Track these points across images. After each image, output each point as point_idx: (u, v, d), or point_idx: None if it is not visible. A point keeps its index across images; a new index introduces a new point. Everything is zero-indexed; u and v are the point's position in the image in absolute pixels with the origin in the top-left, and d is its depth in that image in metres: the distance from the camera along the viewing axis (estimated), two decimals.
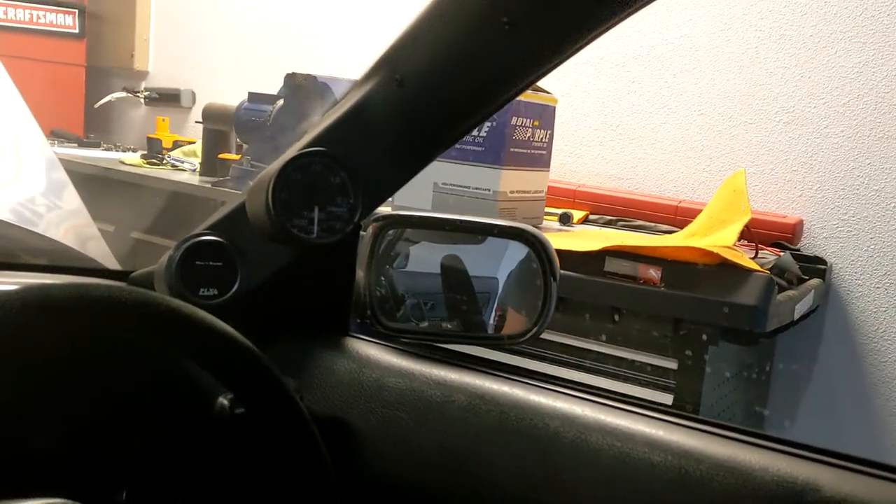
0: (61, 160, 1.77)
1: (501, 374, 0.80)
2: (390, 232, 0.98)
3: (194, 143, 3.08)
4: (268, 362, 0.66)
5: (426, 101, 0.70)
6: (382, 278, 0.99)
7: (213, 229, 0.83)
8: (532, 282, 1.03)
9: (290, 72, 2.26)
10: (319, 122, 0.76)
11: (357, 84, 0.74)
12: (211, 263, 0.81)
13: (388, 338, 0.93)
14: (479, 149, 1.90)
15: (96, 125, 3.80)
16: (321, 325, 0.95)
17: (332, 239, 0.75)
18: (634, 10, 0.57)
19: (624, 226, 2.25)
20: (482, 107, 0.71)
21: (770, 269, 1.70)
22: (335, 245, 0.78)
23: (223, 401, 0.77)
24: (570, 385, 0.79)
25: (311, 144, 0.72)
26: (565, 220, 2.20)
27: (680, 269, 1.60)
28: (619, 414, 0.72)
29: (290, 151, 0.73)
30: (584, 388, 0.79)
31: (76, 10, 3.75)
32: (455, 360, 0.85)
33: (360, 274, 0.95)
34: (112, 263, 1.41)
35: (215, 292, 0.81)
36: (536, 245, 0.89)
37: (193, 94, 3.58)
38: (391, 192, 0.79)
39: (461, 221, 0.92)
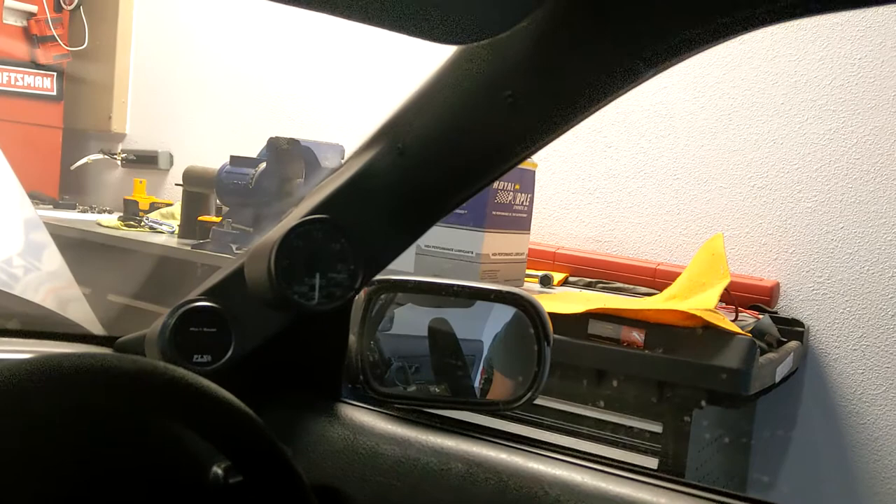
0: None
1: (499, 441, 0.80)
2: (382, 296, 0.98)
3: (172, 205, 3.07)
4: (268, 430, 0.65)
5: (427, 170, 0.71)
6: (372, 342, 0.99)
7: (207, 295, 0.82)
8: (519, 345, 1.03)
9: (273, 136, 2.27)
10: (319, 188, 0.77)
11: (358, 152, 0.75)
12: (205, 330, 0.81)
13: (381, 403, 0.93)
14: (462, 212, 1.92)
15: (72, 187, 3.78)
16: (313, 390, 0.94)
17: (332, 305, 0.75)
18: (634, 85, 0.58)
19: (604, 288, 2.27)
20: (482, 176, 0.72)
21: (750, 332, 1.71)
22: (328, 311, 0.78)
23: (217, 470, 0.76)
24: (567, 451, 0.78)
25: (312, 211, 0.73)
26: (546, 281, 2.21)
27: (663, 331, 1.61)
28: (619, 481, 0.72)
29: (292, 218, 0.73)
30: (582, 454, 0.79)
31: (55, 73, 3.76)
32: (450, 426, 0.84)
33: (352, 338, 0.95)
34: (95, 327, 1.39)
35: (209, 359, 0.80)
36: (530, 310, 0.90)
37: (171, 156, 3.59)
38: (391, 259, 0.79)
39: (457, 286, 0.92)
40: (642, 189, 2.44)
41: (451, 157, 0.70)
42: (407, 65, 2.78)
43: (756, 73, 2.26)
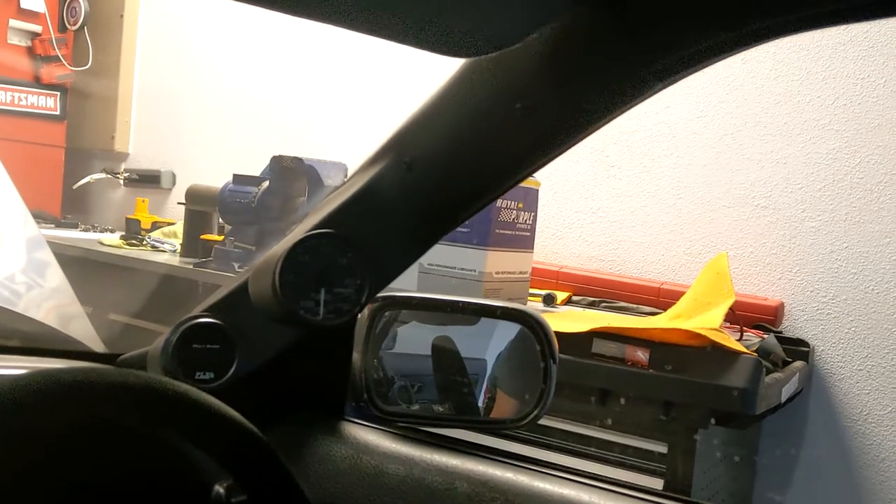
0: None
1: (505, 461, 0.78)
2: (386, 313, 0.97)
3: (174, 223, 3.07)
4: (272, 448, 0.64)
5: (434, 184, 0.71)
6: (376, 360, 0.98)
7: (210, 311, 0.82)
8: (523, 364, 1.02)
9: (276, 154, 2.27)
10: (326, 203, 0.76)
11: (364, 166, 0.74)
12: (208, 346, 0.80)
13: (385, 422, 0.91)
14: (465, 230, 1.91)
15: (74, 206, 3.79)
16: (316, 408, 0.93)
17: (339, 321, 0.74)
18: (644, 98, 0.58)
19: (607, 307, 2.26)
20: (489, 190, 0.71)
21: (756, 352, 1.70)
22: (334, 327, 0.77)
23: (220, 489, 0.75)
24: (573, 471, 0.77)
25: (318, 226, 0.72)
26: (549, 300, 2.20)
27: (667, 351, 1.59)
28: (627, 501, 0.70)
29: (297, 233, 0.72)
30: (588, 474, 0.77)
31: (58, 93, 3.78)
32: (456, 445, 0.83)
33: (356, 356, 0.94)
34: (97, 345, 1.38)
35: (211, 375, 0.79)
36: (536, 328, 0.89)
37: (174, 175, 3.59)
38: (398, 274, 0.78)
39: (462, 303, 0.91)
40: (646, 208, 2.44)
41: (459, 171, 0.69)
42: (409, 84, 2.78)
43: (759, 92, 2.26)
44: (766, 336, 1.96)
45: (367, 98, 2.99)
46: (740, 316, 1.94)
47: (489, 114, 0.63)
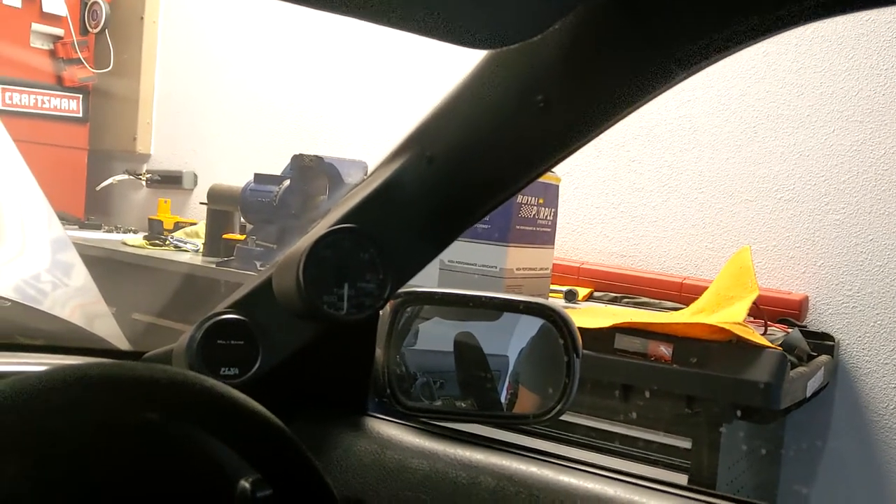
0: None
1: (529, 455, 0.78)
2: (408, 309, 0.97)
3: (196, 224, 3.09)
4: (300, 444, 0.64)
5: (456, 178, 0.71)
6: (399, 356, 0.98)
7: (234, 308, 0.82)
8: (546, 359, 1.02)
9: (297, 153, 2.28)
10: (347, 198, 0.77)
11: (386, 161, 0.75)
12: (232, 342, 0.80)
13: (408, 417, 0.92)
14: (486, 226, 1.91)
15: (97, 207, 3.82)
16: (339, 404, 0.93)
17: (361, 315, 0.74)
18: (667, 87, 0.58)
19: (629, 302, 2.25)
20: (511, 184, 0.71)
21: (780, 346, 1.69)
22: (357, 321, 0.77)
23: (245, 484, 0.75)
24: (597, 465, 0.77)
25: (340, 221, 0.72)
26: (570, 297, 2.20)
27: (691, 345, 1.59)
28: (654, 495, 0.70)
29: (320, 228, 0.73)
30: (612, 468, 0.77)
31: (80, 95, 3.81)
32: (479, 440, 0.83)
33: (378, 352, 0.94)
34: (122, 343, 1.39)
35: (236, 371, 0.80)
36: (559, 322, 0.89)
37: (195, 176, 3.61)
38: (420, 268, 0.78)
39: (485, 298, 0.91)
40: (667, 203, 2.42)
41: (481, 164, 0.69)
42: (426, 81, 2.78)
43: (781, 84, 2.24)
44: (790, 330, 1.95)
45: (386, 96, 2.99)
46: (764, 310, 1.92)
47: (511, 107, 0.63)
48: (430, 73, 2.79)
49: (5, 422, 0.48)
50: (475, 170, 0.70)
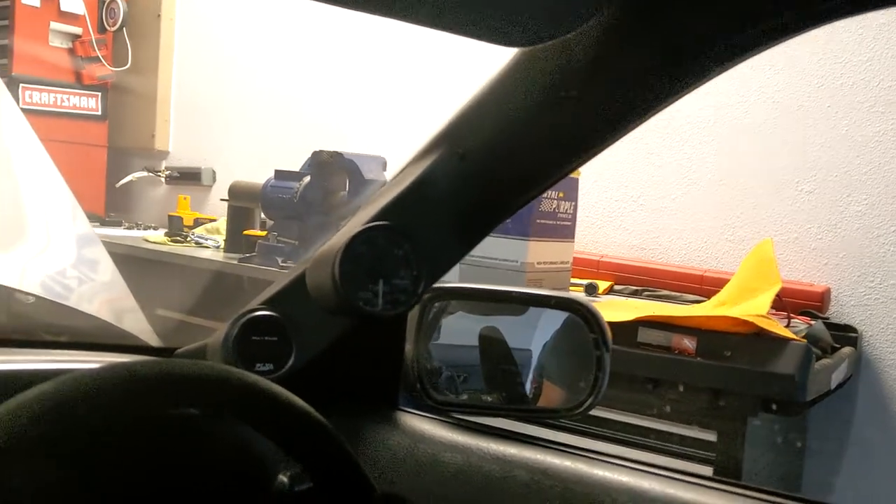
0: None
1: (563, 449, 0.79)
2: (436, 304, 0.98)
3: (215, 220, 3.11)
4: (341, 438, 0.65)
5: (488, 174, 0.71)
6: (428, 350, 0.98)
7: (267, 304, 0.83)
8: (571, 353, 1.02)
9: (317, 149, 2.29)
10: (380, 195, 0.77)
11: (417, 157, 0.75)
12: (266, 338, 0.81)
13: (439, 411, 0.92)
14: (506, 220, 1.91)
15: (117, 204, 3.85)
16: (370, 398, 0.94)
17: (396, 311, 0.75)
18: (702, 83, 0.58)
19: (650, 296, 2.25)
20: (542, 180, 0.71)
21: (804, 338, 1.69)
22: (391, 318, 0.78)
23: (283, 478, 0.76)
24: (632, 458, 0.77)
25: (373, 219, 0.73)
26: (591, 290, 2.20)
27: (715, 338, 1.59)
28: (688, 487, 0.70)
29: (354, 225, 0.73)
30: (644, 462, 0.77)
31: (99, 93, 3.83)
32: (512, 434, 0.84)
33: (408, 346, 0.95)
34: (152, 339, 1.41)
35: (271, 367, 0.81)
36: (589, 317, 0.89)
37: (213, 172, 3.63)
38: (453, 264, 0.79)
39: (515, 293, 0.92)
40: (686, 195, 2.42)
41: (512, 161, 0.70)
42: (443, 76, 2.79)
43: (801, 76, 2.23)
44: (813, 322, 1.94)
45: (402, 91, 3.00)
46: (786, 302, 1.92)
47: (543, 103, 0.64)
48: (446, 68, 2.79)
49: (61, 420, 0.49)
50: (506, 167, 0.70)
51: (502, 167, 0.71)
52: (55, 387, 0.49)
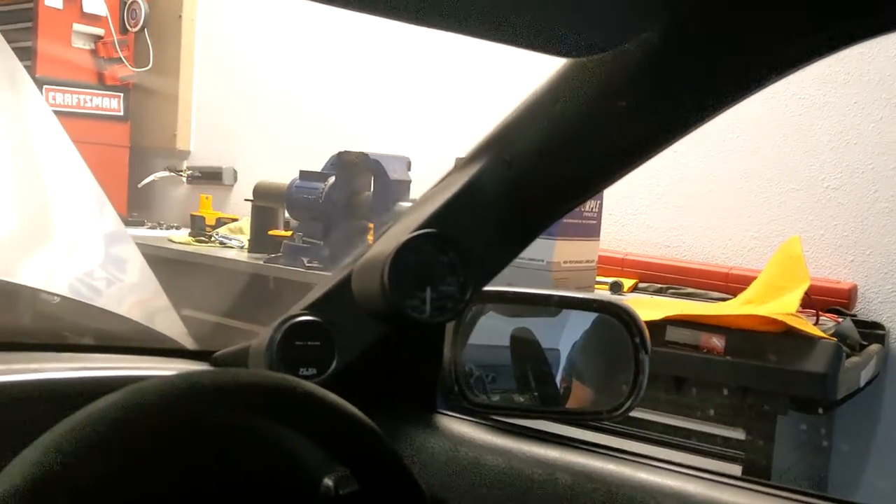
0: None
1: (606, 452, 0.79)
2: (473, 307, 0.98)
3: (238, 219, 3.13)
4: (390, 443, 0.66)
5: (534, 182, 0.72)
6: (465, 353, 0.99)
7: (309, 309, 0.84)
8: (602, 354, 1.02)
9: (342, 150, 2.30)
10: (425, 201, 0.78)
11: (463, 164, 0.76)
12: (309, 343, 0.82)
13: (476, 414, 0.93)
14: None
15: (139, 204, 3.87)
16: (409, 401, 0.94)
17: (444, 318, 0.76)
18: (757, 91, 0.58)
19: (674, 293, 2.24)
20: (590, 187, 0.72)
21: (833, 336, 1.68)
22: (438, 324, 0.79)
23: (328, 482, 0.77)
24: (676, 462, 0.78)
25: (421, 225, 0.74)
26: (616, 288, 2.20)
27: (743, 337, 1.58)
28: (735, 492, 0.71)
29: (401, 232, 0.74)
30: (690, 465, 0.78)
31: (121, 94, 3.86)
32: (553, 437, 0.84)
33: (446, 349, 0.95)
34: (186, 340, 1.42)
35: (314, 371, 0.82)
36: (629, 320, 0.89)
37: (235, 171, 3.65)
38: (498, 271, 0.80)
39: (557, 297, 0.92)
40: (711, 193, 2.41)
41: (560, 169, 0.70)
42: (461, 76, 2.79)
43: (827, 72, 2.22)
44: (840, 320, 1.93)
45: (424, 91, 3.00)
46: (814, 300, 1.91)
47: (593, 112, 0.64)
48: (466, 65, 2.79)
49: (131, 432, 0.50)
50: (553, 174, 0.71)
51: (549, 175, 0.71)
52: (124, 398, 0.50)
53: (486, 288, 0.90)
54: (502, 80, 2.63)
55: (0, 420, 0.69)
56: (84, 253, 1.76)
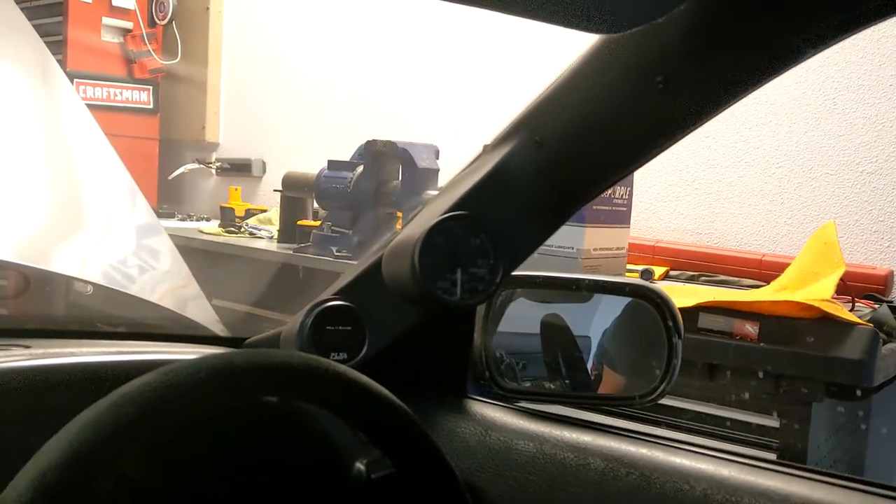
0: None
1: (638, 436, 0.78)
2: (503, 292, 0.98)
3: (267, 210, 3.14)
4: (424, 427, 0.65)
5: (566, 162, 0.71)
6: (495, 338, 0.98)
7: (340, 294, 0.84)
8: (635, 339, 1.01)
9: (370, 139, 2.30)
10: (456, 183, 0.77)
11: (493, 146, 0.75)
12: (340, 328, 0.82)
13: (508, 399, 0.92)
14: None
15: (169, 196, 3.91)
16: (440, 386, 0.94)
17: (475, 301, 0.75)
18: (793, 65, 0.57)
19: (707, 281, 2.22)
20: (622, 167, 0.71)
21: (869, 322, 1.65)
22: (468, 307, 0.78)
23: (360, 466, 0.77)
24: (710, 446, 0.77)
25: (451, 208, 0.73)
26: (647, 276, 2.18)
27: (777, 323, 1.56)
28: (770, 475, 0.69)
29: (431, 215, 0.73)
30: (724, 449, 0.77)
31: (150, 87, 3.89)
32: (584, 422, 0.83)
33: (476, 335, 0.95)
34: (218, 328, 1.43)
35: (345, 356, 0.82)
36: (662, 305, 0.88)
37: (264, 163, 3.67)
38: (530, 253, 0.79)
39: (588, 281, 0.91)
40: (743, 178, 2.38)
41: (592, 149, 0.69)
42: (489, 62, 2.78)
43: (861, 54, 2.18)
44: (876, 306, 1.90)
45: (452, 80, 2.99)
46: (849, 286, 1.88)
47: (628, 89, 0.63)
48: (495, 56, 2.78)
49: (165, 411, 0.50)
50: (586, 154, 0.70)
51: (581, 155, 0.70)
52: (158, 378, 0.51)
53: (516, 272, 0.90)
54: (532, 69, 2.61)
55: (41, 401, 0.71)
56: (117, 242, 1.78)
